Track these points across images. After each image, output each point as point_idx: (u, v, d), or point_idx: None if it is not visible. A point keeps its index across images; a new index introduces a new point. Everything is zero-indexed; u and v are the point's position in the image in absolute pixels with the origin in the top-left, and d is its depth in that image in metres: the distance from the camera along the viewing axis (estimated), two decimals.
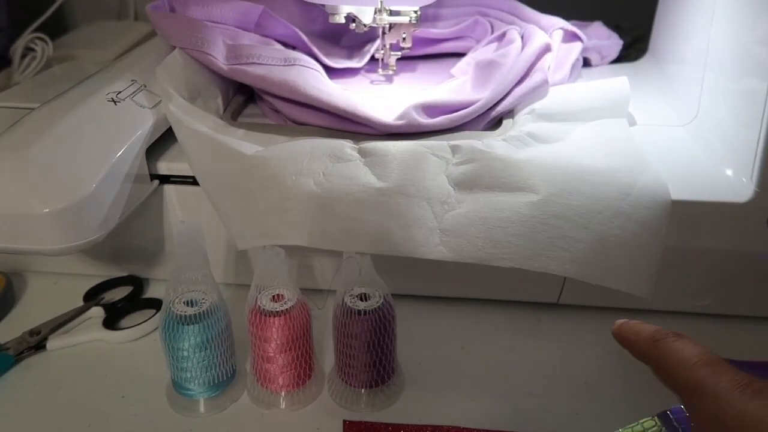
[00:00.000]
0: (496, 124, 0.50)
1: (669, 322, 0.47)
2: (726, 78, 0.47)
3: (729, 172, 0.44)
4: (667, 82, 0.57)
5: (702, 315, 0.49)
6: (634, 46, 0.68)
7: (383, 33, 0.57)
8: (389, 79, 0.60)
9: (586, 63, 0.63)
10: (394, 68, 0.59)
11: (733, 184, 0.43)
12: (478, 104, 0.47)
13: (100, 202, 0.40)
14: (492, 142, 0.44)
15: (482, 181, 0.41)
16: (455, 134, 0.47)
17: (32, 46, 0.69)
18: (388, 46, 0.58)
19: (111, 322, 0.48)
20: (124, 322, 0.49)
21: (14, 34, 0.72)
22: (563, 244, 0.40)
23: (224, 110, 0.52)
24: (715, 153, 0.46)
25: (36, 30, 0.70)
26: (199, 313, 0.39)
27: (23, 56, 0.69)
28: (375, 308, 0.39)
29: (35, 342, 0.46)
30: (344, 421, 0.40)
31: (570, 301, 0.49)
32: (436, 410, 0.41)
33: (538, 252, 0.40)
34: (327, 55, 0.58)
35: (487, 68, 0.51)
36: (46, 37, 0.69)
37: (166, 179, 0.47)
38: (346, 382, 0.42)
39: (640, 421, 0.38)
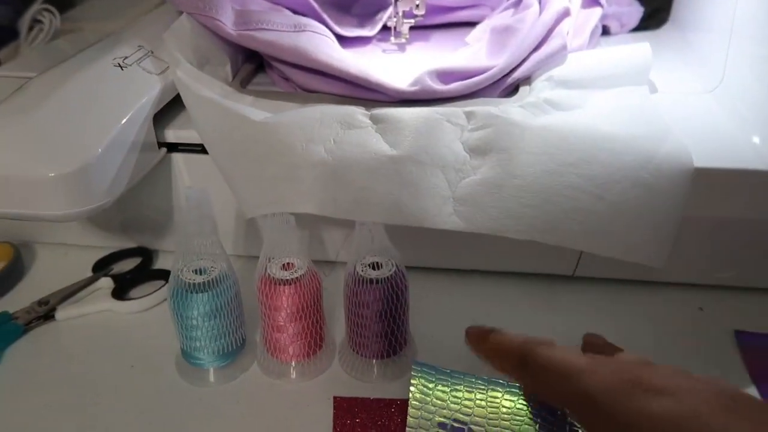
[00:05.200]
0: (512, 91, 0.48)
1: (693, 296, 0.47)
2: (753, 43, 0.45)
3: (756, 139, 0.42)
4: (690, 49, 0.55)
5: (727, 288, 0.47)
6: (654, 15, 0.66)
7: (396, 0, 0.56)
8: (402, 47, 0.58)
9: (605, 31, 0.61)
10: (407, 36, 0.58)
11: (759, 150, 0.41)
12: (494, 70, 0.46)
13: (106, 167, 0.39)
14: (508, 109, 0.42)
15: (499, 145, 0.39)
16: (470, 101, 0.46)
17: (40, 18, 0.68)
18: (400, 14, 0.57)
19: (120, 292, 0.48)
20: (133, 293, 0.49)
21: (21, 7, 0.71)
22: (577, 216, 0.39)
23: (233, 78, 0.50)
24: (741, 120, 0.44)
25: (43, 2, 0.69)
26: (208, 281, 0.38)
27: (30, 28, 0.68)
28: (387, 277, 0.38)
29: (44, 312, 0.46)
30: (334, 398, 0.39)
31: (586, 274, 0.48)
32: None
33: (551, 224, 0.39)
34: (338, 23, 0.56)
35: (503, 34, 0.49)
36: (54, 9, 0.68)
37: (174, 147, 0.46)
38: (357, 353, 0.41)
39: None
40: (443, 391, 0.34)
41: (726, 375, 0.41)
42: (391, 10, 0.58)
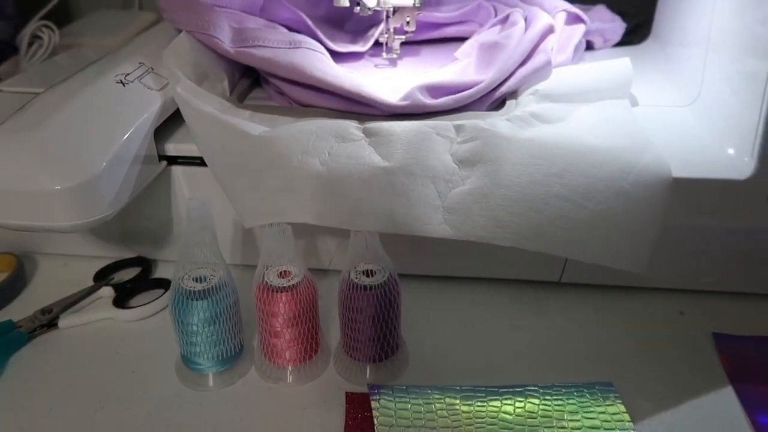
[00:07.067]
0: (499, 104, 0.50)
1: (673, 301, 0.49)
2: (728, 59, 0.48)
3: (731, 151, 0.44)
4: (670, 64, 0.58)
5: (706, 292, 0.49)
6: (637, 31, 0.69)
7: (387, 17, 0.58)
8: (393, 63, 0.60)
9: (589, 46, 0.63)
10: (398, 52, 0.60)
11: (734, 161, 0.44)
12: (481, 85, 0.48)
13: (110, 180, 0.40)
14: (496, 122, 0.44)
15: (486, 156, 0.41)
16: (459, 115, 0.48)
17: (39, 34, 0.70)
18: (392, 30, 0.59)
19: (121, 301, 0.49)
20: (133, 302, 0.50)
21: (20, 23, 0.72)
22: (561, 224, 0.40)
23: (230, 93, 0.52)
24: (717, 132, 0.46)
25: (41, 18, 0.71)
26: (208, 288, 0.40)
27: (30, 44, 0.70)
28: (380, 284, 0.40)
29: (47, 320, 0.47)
30: (347, 393, 0.41)
31: (572, 280, 0.50)
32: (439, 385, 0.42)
33: (536, 232, 0.40)
34: (331, 39, 0.58)
35: (490, 50, 0.51)
36: (53, 25, 0.70)
37: (173, 160, 0.48)
38: (351, 357, 0.42)
39: None
40: (404, 408, 0.36)
41: (705, 376, 0.42)
42: (382, 26, 0.60)
